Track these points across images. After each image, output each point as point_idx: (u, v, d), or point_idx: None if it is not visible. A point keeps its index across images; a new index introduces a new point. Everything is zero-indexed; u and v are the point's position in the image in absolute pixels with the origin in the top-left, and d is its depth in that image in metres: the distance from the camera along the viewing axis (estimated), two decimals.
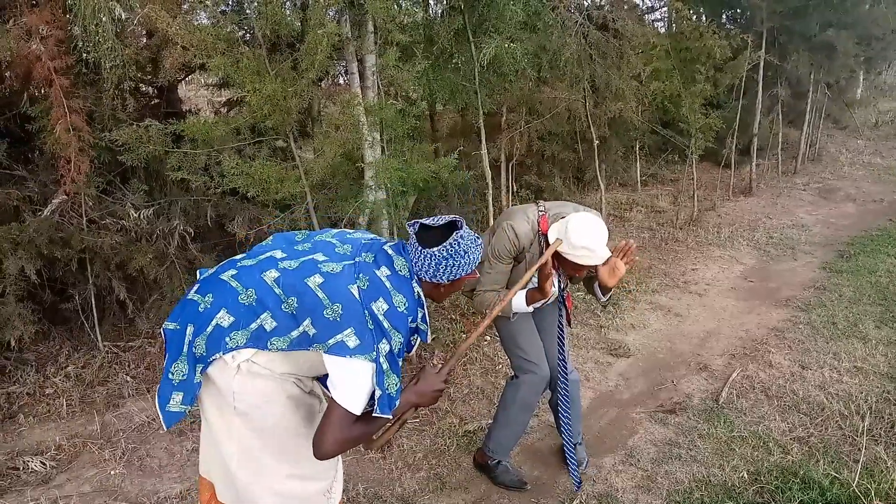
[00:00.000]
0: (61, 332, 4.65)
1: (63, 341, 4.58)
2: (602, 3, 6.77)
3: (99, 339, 4.40)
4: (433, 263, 1.85)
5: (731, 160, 8.20)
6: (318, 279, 1.77)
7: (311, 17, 3.12)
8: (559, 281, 2.68)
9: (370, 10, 3.66)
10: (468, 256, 1.88)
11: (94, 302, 4.35)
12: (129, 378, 4.16)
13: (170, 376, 1.79)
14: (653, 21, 10.04)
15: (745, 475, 2.94)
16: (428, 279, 1.88)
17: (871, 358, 3.95)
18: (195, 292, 1.84)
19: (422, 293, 1.88)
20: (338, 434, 1.75)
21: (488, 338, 4.52)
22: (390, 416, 1.77)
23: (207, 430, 1.94)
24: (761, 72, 7.93)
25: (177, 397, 1.80)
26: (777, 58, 8.03)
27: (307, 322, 1.75)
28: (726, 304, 5.02)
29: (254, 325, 1.77)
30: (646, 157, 9.29)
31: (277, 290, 1.77)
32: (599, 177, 5.72)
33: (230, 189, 3.78)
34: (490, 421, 3.50)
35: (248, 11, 4.38)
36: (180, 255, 4.80)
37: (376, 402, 1.75)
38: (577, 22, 4.46)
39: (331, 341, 1.72)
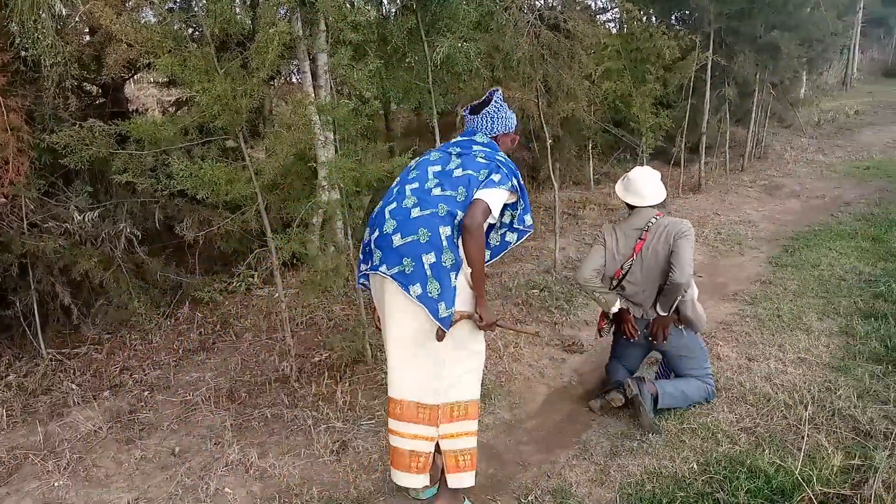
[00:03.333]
0: (2, 340, 4.49)
1: (3, 349, 4.42)
2: (554, 4, 6.85)
3: (42, 346, 4.26)
4: (489, 120, 2.73)
5: (681, 158, 8.37)
6: (459, 171, 2.59)
7: (261, 15, 3.07)
8: None
9: (321, 9, 3.63)
10: (509, 112, 2.80)
11: (36, 308, 4.20)
12: (74, 386, 4.04)
13: (429, 294, 2.46)
14: (605, 22, 10.20)
15: (695, 466, 3.01)
16: (501, 132, 2.75)
17: (814, 349, 4.09)
18: (401, 236, 2.51)
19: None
20: (479, 217, 2.49)
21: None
22: (523, 225, 2.75)
23: (412, 351, 2.58)
24: (709, 72, 8.13)
25: (440, 306, 2.46)
26: (724, 58, 8.23)
27: (472, 191, 2.54)
28: None
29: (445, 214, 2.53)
30: (599, 156, 9.43)
31: (447, 193, 2.55)
32: (553, 176, 5.78)
33: (179, 190, 3.70)
34: None
35: (195, 9, 4.29)
36: (127, 258, 4.69)
37: (515, 219, 2.74)
38: (528, 22, 4.49)
39: (485, 183, 2.54)
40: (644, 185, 3.46)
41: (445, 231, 2.49)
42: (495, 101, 2.74)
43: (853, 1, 15.13)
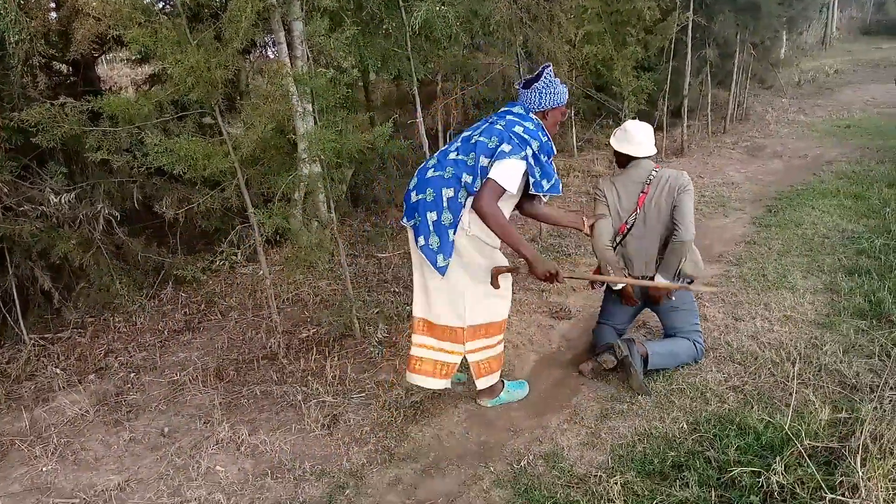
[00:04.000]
0: None
1: None
2: None
3: (24, 331, 4.19)
4: (536, 95, 2.98)
5: (664, 122, 8.34)
6: (476, 137, 2.90)
7: None
8: None
9: None
10: (559, 87, 3.01)
11: (15, 293, 4.13)
12: (58, 371, 3.99)
13: (430, 247, 2.90)
14: None
15: (685, 425, 3.03)
16: (537, 109, 3.01)
17: (799, 307, 4.12)
18: (416, 193, 2.96)
19: (538, 121, 3.00)
20: (486, 197, 2.80)
21: None
22: (542, 194, 2.98)
23: (433, 281, 3.03)
24: (690, 33, 8.06)
25: (439, 258, 2.90)
26: (705, 19, 8.16)
27: (481, 157, 2.84)
28: None
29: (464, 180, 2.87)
30: (581, 123, 9.38)
31: (459, 157, 2.89)
32: None
33: (157, 169, 3.62)
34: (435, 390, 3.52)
35: None
36: (107, 239, 4.60)
37: (531, 186, 2.92)
38: None
39: (497, 155, 2.82)
40: (640, 134, 3.43)
41: (448, 193, 2.87)
42: (545, 77, 2.99)
43: None
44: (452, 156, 2.91)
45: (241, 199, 3.53)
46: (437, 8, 3.40)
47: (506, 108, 3.08)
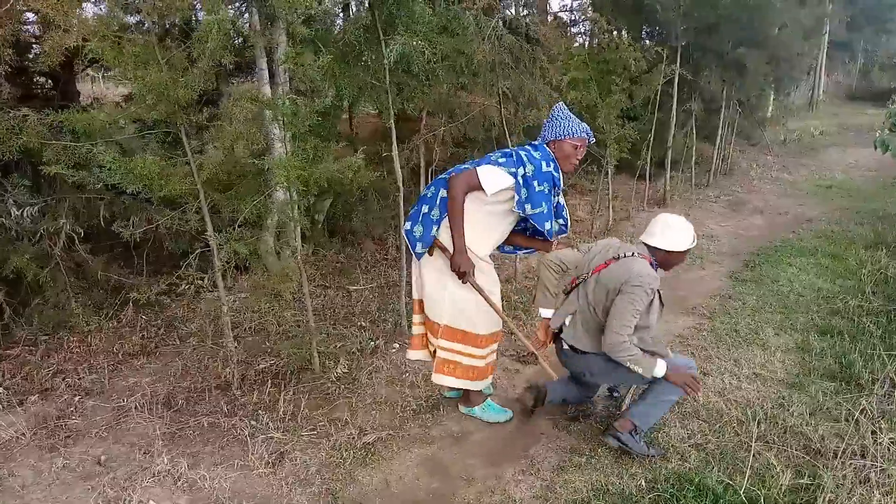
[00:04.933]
0: None
1: None
2: (525, 13, 6.80)
3: None
4: (546, 127, 3.28)
5: (647, 172, 8.37)
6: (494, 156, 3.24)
7: (204, 2, 2.93)
8: None
9: (275, 4, 3.49)
10: (568, 120, 3.24)
11: None
12: (1, 389, 3.81)
13: (413, 233, 3.21)
14: (575, 34, 10.22)
15: (643, 483, 2.91)
16: (546, 140, 3.25)
17: (769, 365, 4.04)
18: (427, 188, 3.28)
19: (551, 152, 3.22)
20: (457, 179, 3.05)
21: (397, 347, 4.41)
22: (523, 212, 3.13)
23: (431, 275, 3.26)
24: (676, 86, 8.15)
25: (419, 245, 3.21)
26: (691, 73, 8.26)
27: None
28: None
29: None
30: None
31: (466, 165, 3.22)
32: None
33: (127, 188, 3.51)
34: (390, 432, 3.39)
35: None
36: (67, 256, 4.47)
37: (515, 204, 3.13)
38: (491, 26, 4.40)
39: (489, 160, 3.16)
40: (667, 229, 3.15)
41: (443, 192, 3.14)
42: (552, 110, 3.32)
43: (819, 23, 15.40)
44: (462, 166, 3.20)
45: (202, 222, 3.43)
46: (414, 43, 3.37)
47: (531, 142, 3.36)
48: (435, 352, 3.36)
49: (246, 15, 4.72)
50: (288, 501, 2.87)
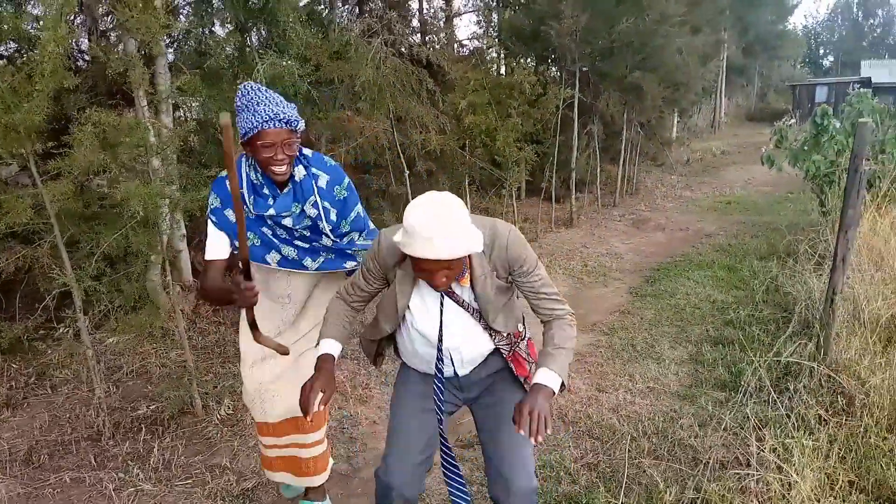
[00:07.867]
0: None
1: None
2: (428, 39, 6.80)
3: None
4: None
5: (552, 194, 8.48)
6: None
7: (43, 20, 2.72)
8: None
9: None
10: (249, 109, 2.10)
11: None
12: None
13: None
14: (489, 60, 10.33)
15: None
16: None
17: (663, 378, 4.05)
18: None
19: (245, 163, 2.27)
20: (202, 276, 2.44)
21: None
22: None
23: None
24: (576, 109, 8.32)
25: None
26: (591, 97, 8.47)
27: None
28: (537, 330, 5.02)
29: None
30: (478, 192, 9.43)
31: None
32: None
33: None
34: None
35: None
36: None
37: None
38: (376, 50, 4.34)
39: None
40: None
41: None
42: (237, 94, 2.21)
43: (716, 49, 16.30)
44: None
45: (59, 258, 3.17)
46: (284, 63, 3.24)
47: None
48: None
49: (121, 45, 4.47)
50: None
